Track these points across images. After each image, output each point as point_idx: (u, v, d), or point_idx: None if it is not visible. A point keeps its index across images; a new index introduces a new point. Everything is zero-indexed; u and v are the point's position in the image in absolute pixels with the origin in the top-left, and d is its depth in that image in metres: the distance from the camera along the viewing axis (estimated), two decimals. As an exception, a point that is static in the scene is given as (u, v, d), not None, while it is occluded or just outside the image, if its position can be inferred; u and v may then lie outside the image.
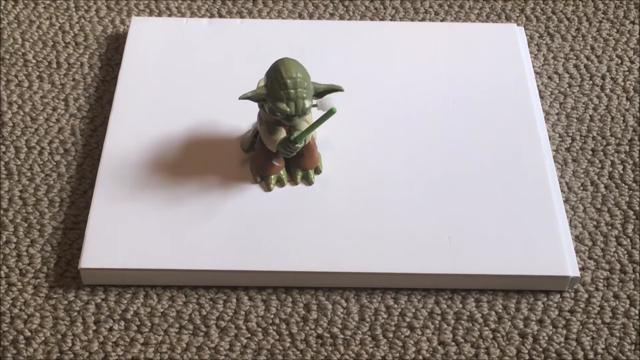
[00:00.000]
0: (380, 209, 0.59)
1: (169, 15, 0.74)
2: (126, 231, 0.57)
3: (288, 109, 0.54)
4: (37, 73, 0.69)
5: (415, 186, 0.60)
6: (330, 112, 0.54)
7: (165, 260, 0.56)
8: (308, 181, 0.60)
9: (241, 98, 0.55)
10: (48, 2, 0.74)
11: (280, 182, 0.59)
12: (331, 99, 0.58)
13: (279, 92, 0.54)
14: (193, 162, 0.61)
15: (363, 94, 0.66)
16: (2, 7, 0.74)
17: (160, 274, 0.56)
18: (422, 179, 0.61)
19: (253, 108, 0.64)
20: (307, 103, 0.55)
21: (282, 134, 0.57)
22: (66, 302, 0.56)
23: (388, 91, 0.67)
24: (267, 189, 0.59)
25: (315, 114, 0.60)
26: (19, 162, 0.63)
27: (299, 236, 0.58)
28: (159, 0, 0.75)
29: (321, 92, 0.57)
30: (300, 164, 0.59)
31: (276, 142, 0.57)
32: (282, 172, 0.59)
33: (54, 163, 0.63)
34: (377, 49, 0.69)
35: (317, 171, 0.60)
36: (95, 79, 0.69)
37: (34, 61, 0.70)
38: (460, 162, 0.62)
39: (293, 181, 0.60)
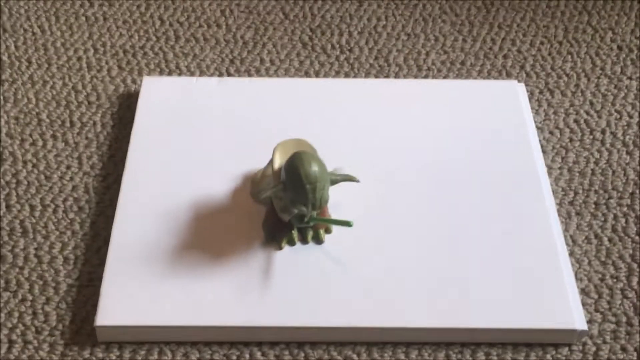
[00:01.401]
0: (389, 265, 0.60)
1: (179, 74, 0.76)
2: (140, 288, 0.58)
3: (305, 210, 0.57)
4: (51, 132, 0.71)
5: (422, 242, 0.62)
6: (347, 224, 0.58)
7: (179, 317, 0.57)
8: (318, 240, 0.61)
9: (263, 198, 0.58)
10: (61, 62, 0.76)
11: (290, 242, 0.60)
12: (346, 167, 0.60)
13: (299, 195, 0.56)
14: (206, 220, 0.63)
15: (369, 151, 0.68)
16: (16, 68, 0.76)
17: (174, 331, 0.57)
18: (429, 235, 0.62)
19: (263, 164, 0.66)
20: (325, 199, 0.57)
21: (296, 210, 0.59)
22: (82, 359, 0.57)
23: (393, 148, 0.68)
24: (278, 248, 0.60)
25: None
26: (34, 220, 0.64)
27: (310, 292, 0.59)
28: (169, 59, 0.77)
29: (337, 182, 0.59)
30: None
31: (289, 217, 0.59)
32: (293, 232, 0.60)
33: (68, 221, 0.64)
34: (382, 107, 0.71)
35: (328, 231, 0.61)
36: (107, 137, 0.71)
37: (47, 120, 0.72)
38: (466, 218, 0.63)
39: (304, 240, 0.61)
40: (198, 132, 0.69)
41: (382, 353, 0.58)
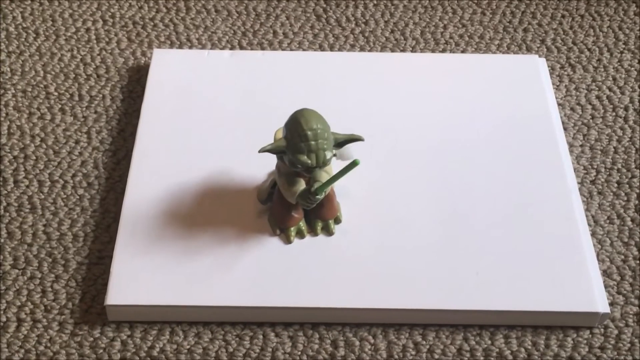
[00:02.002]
0: (406, 245, 0.59)
1: (190, 47, 0.74)
2: (151, 267, 0.57)
3: (309, 161, 0.54)
4: (60, 106, 0.69)
5: (440, 221, 0.60)
6: (353, 164, 0.53)
7: (191, 297, 0.56)
8: (328, 232, 0.59)
9: (261, 151, 0.54)
10: (69, 34, 0.75)
11: (300, 234, 0.58)
12: (350, 148, 0.57)
13: (299, 144, 0.54)
14: (219, 196, 0.61)
15: (384, 127, 0.66)
16: (24, 40, 0.74)
17: (186, 311, 0.56)
18: (447, 214, 0.60)
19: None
20: (328, 154, 0.54)
21: (302, 185, 0.56)
22: (92, 339, 0.56)
23: (409, 124, 0.66)
24: (287, 241, 0.58)
25: (335, 164, 0.59)
26: (43, 196, 0.63)
27: (325, 273, 0.57)
28: (180, 32, 0.75)
29: (341, 142, 0.56)
30: (319, 214, 0.58)
31: (296, 194, 0.56)
32: (301, 223, 0.58)
33: (78, 197, 0.63)
34: (398, 81, 0.69)
35: (337, 221, 0.59)
36: (117, 111, 0.69)
37: (56, 94, 0.70)
38: (485, 197, 0.62)
39: (313, 232, 0.59)
40: (209, 106, 0.67)
41: (399, 335, 0.56)
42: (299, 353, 0.55)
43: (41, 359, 0.55)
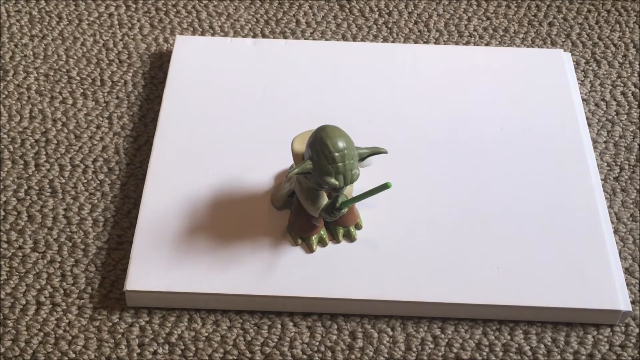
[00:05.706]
0: (426, 239, 0.58)
1: (212, 34, 0.74)
2: (171, 254, 0.57)
3: (337, 183, 0.53)
4: (81, 90, 0.69)
5: (462, 215, 0.60)
6: (385, 187, 0.53)
7: (210, 284, 0.56)
8: (350, 238, 0.58)
9: (290, 176, 0.53)
10: (92, 19, 0.74)
11: (322, 242, 0.58)
12: (371, 158, 0.56)
13: (327, 166, 0.52)
14: (240, 184, 0.61)
15: (404, 119, 0.66)
16: (46, 24, 0.74)
17: (205, 298, 0.56)
18: (469, 208, 0.60)
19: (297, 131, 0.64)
20: (356, 173, 0.53)
21: (325, 199, 0.55)
22: (110, 324, 0.56)
23: (431, 117, 0.66)
24: (310, 250, 0.57)
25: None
26: (63, 180, 0.63)
27: (344, 264, 0.57)
28: (202, 19, 0.75)
29: (365, 156, 0.55)
30: (340, 221, 0.58)
31: (319, 209, 0.55)
32: (322, 231, 0.58)
33: (98, 182, 0.63)
34: (421, 74, 0.69)
35: (358, 227, 0.58)
36: (138, 97, 0.69)
37: (78, 78, 0.70)
38: (508, 191, 0.61)
39: (335, 239, 0.58)
40: (231, 94, 0.67)
41: (417, 328, 0.56)
42: (317, 343, 0.55)
43: (60, 342, 0.55)
